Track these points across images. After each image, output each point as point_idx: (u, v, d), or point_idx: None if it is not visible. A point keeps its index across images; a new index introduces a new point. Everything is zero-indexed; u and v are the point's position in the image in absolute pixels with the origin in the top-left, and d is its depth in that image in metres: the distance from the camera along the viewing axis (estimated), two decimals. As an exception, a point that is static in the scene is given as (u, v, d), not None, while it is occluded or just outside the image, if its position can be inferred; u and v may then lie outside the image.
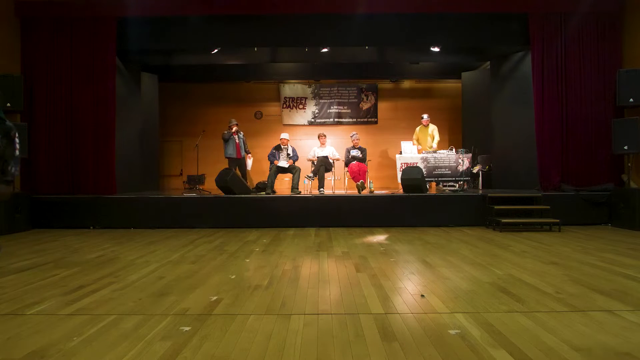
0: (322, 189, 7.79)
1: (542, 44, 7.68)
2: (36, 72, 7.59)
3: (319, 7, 7.70)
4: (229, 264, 4.32)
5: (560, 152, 7.60)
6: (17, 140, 3.82)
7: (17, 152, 3.81)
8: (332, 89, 11.45)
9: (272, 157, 8.23)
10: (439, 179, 8.14)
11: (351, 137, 8.63)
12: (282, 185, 9.86)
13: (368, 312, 2.82)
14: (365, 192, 7.82)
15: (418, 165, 7.93)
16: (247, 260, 4.49)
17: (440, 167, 8.06)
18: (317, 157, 8.27)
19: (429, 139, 9.02)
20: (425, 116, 9.06)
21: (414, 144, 8.73)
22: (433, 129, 9.05)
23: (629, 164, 7.22)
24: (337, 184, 8.94)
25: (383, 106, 11.52)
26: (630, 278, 3.65)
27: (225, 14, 7.79)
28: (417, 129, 9.19)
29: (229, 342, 2.35)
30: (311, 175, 8.03)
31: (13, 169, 3.79)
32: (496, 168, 9.10)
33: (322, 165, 7.91)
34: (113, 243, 5.66)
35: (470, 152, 8.29)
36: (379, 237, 6.02)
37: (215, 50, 8.58)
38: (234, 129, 8.52)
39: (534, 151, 7.76)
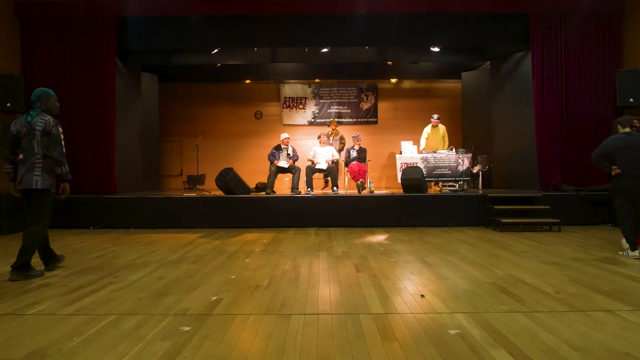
0: (335, 188, 7.82)
1: (542, 44, 7.67)
2: (36, 72, 7.59)
3: (319, 7, 7.70)
4: (229, 264, 4.32)
5: (560, 152, 7.60)
6: (62, 136, 3.86)
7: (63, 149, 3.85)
8: (332, 89, 11.45)
9: (272, 157, 8.22)
10: (439, 179, 8.13)
11: (354, 137, 8.62)
12: (282, 185, 9.86)
13: (368, 312, 2.82)
14: (365, 192, 7.82)
15: (418, 165, 7.93)
16: (247, 260, 4.49)
17: (440, 167, 8.05)
18: (316, 163, 8.13)
19: (441, 140, 8.81)
20: (435, 116, 8.84)
21: (416, 144, 8.60)
22: (444, 130, 8.91)
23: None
24: (338, 184, 8.92)
25: (383, 106, 11.52)
26: (630, 278, 3.65)
27: (225, 14, 7.79)
28: (428, 128, 8.94)
29: (229, 342, 2.35)
30: (309, 189, 7.94)
31: (64, 168, 3.85)
32: (496, 168, 9.09)
33: (327, 172, 7.95)
34: (113, 243, 5.66)
35: (470, 152, 8.28)
36: (379, 237, 6.02)
37: (215, 50, 8.58)
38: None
39: (534, 151, 7.76)
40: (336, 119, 11.34)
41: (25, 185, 3.77)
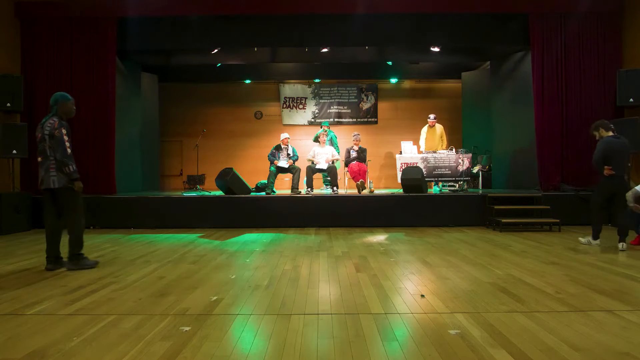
0: (335, 188, 7.81)
1: (542, 44, 7.67)
2: (36, 72, 7.59)
3: (319, 7, 7.70)
4: (229, 264, 4.32)
5: (560, 152, 7.60)
6: (65, 137, 3.94)
7: (69, 150, 3.96)
8: (332, 89, 11.45)
9: (272, 157, 8.22)
10: (439, 179, 8.13)
11: (353, 137, 8.63)
12: (282, 185, 9.86)
13: (368, 312, 2.82)
14: (365, 192, 7.82)
15: (418, 165, 7.93)
16: (247, 261, 4.49)
17: (440, 167, 8.05)
18: (315, 163, 8.13)
19: (439, 140, 8.78)
20: (432, 116, 8.82)
21: (415, 145, 8.59)
22: (441, 130, 8.89)
23: (629, 164, 7.20)
24: (337, 183, 8.92)
25: (383, 106, 11.52)
26: (630, 278, 3.65)
27: (225, 14, 7.79)
28: (425, 129, 8.93)
29: (229, 342, 2.35)
30: (309, 189, 7.94)
31: (69, 168, 3.95)
32: (496, 168, 9.09)
33: (327, 173, 7.93)
34: (113, 243, 5.66)
35: (470, 152, 8.28)
36: (379, 237, 6.02)
37: (215, 50, 8.58)
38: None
39: (534, 151, 7.76)
40: (335, 119, 11.37)
41: (45, 186, 3.99)
